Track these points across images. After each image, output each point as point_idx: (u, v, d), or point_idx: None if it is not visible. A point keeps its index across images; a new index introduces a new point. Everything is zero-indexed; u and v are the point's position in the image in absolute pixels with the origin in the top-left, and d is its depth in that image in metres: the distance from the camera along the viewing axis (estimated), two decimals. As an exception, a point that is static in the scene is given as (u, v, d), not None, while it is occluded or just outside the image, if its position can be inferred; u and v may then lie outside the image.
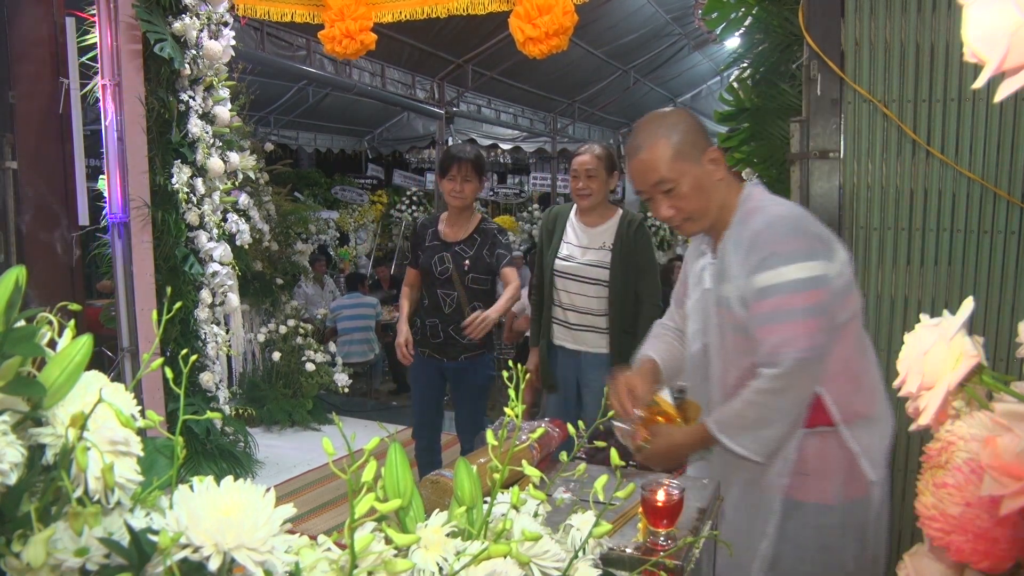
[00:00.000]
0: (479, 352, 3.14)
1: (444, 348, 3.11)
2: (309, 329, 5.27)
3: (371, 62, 7.37)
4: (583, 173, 2.95)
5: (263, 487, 0.61)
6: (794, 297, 1.40)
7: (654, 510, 1.18)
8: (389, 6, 3.61)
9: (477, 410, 3.22)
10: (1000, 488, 0.53)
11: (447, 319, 3.07)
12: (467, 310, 3.06)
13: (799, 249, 1.42)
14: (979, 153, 2.17)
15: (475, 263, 3.08)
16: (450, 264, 3.07)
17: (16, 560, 0.55)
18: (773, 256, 1.43)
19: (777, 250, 1.43)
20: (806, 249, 1.43)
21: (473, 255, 3.08)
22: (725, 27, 2.73)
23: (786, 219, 1.48)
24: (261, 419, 4.88)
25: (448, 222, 3.16)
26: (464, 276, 3.07)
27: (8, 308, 0.60)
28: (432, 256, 3.11)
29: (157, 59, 3.24)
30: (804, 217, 1.52)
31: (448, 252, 3.09)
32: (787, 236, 1.45)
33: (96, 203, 3.35)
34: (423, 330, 3.14)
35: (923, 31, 2.20)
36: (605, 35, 7.49)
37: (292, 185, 7.32)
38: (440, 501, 1.24)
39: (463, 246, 3.09)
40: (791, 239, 1.44)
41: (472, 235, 3.11)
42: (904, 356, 0.65)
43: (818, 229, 1.49)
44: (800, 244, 1.43)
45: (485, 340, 3.14)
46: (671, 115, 1.61)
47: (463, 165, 3.01)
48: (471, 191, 3.06)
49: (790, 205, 1.58)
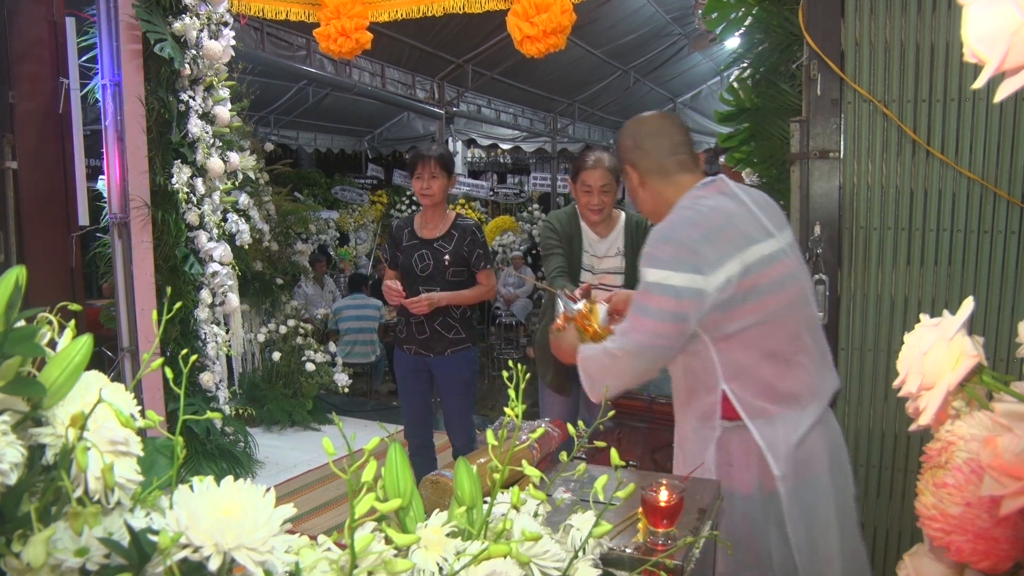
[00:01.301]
0: (464, 347, 3.18)
1: (429, 344, 3.15)
2: (309, 329, 5.27)
3: (371, 62, 7.37)
4: (597, 189, 2.83)
5: (263, 487, 0.61)
6: (648, 296, 1.54)
7: (654, 510, 1.18)
8: (385, 4, 3.60)
9: (465, 406, 3.25)
10: (1000, 488, 0.53)
11: (431, 315, 3.11)
12: (450, 306, 3.12)
13: (661, 257, 1.53)
14: (979, 153, 2.17)
15: (455, 258, 3.12)
16: (430, 261, 3.11)
17: (16, 560, 0.55)
18: (645, 255, 1.57)
19: (647, 251, 1.57)
20: (669, 259, 1.52)
21: (452, 250, 3.12)
22: (725, 27, 2.73)
23: (668, 225, 1.58)
24: (261, 419, 4.88)
25: (423, 221, 3.19)
26: (445, 271, 3.11)
27: (8, 308, 0.60)
28: (412, 255, 3.14)
29: (157, 59, 3.24)
30: (688, 227, 1.56)
31: (427, 249, 3.13)
32: (658, 241, 1.56)
33: (96, 203, 3.35)
34: (408, 327, 3.18)
35: (923, 31, 2.20)
36: (605, 35, 7.49)
37: (292, 185, 7.32)
38: (440, 501, 1.24)
39: (442, 242, 3.13)
40: (661, 245, 1.55)
41: (450, 231, 3.14)
42: (904, 356, 0.65)
43: (695, 242, 1.52)
44: (666, 252, 1.54)
45: (470, 335, 3.20)
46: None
47: (428, 163, 3.05)
48: (439, 188, 3.08)
49: (687, 213, 1.59)
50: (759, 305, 1.53)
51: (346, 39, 3.56)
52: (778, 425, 1.56)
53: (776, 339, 1.56)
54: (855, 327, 2.34)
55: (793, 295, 1.58)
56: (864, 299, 2.33)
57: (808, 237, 2.34)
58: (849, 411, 2.36)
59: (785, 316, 1.56)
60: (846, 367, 2.35)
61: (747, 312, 1.52)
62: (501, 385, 0.91)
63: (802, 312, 1.61)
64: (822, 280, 2.32)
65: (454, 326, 3.15)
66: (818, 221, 2.33)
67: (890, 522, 2.37)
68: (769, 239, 1.58)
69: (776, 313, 1.55)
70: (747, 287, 1.51)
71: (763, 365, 1.55)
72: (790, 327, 1.57)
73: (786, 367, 1.57)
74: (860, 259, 2.32)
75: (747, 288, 1.51)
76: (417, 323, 3.14)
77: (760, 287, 1.53)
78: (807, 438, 1.56)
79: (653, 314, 1.53)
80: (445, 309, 3.12)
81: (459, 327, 3.16)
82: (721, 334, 1.53)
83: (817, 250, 2.33)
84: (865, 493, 2.38)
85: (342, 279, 8.01)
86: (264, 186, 5.06)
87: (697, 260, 1.50)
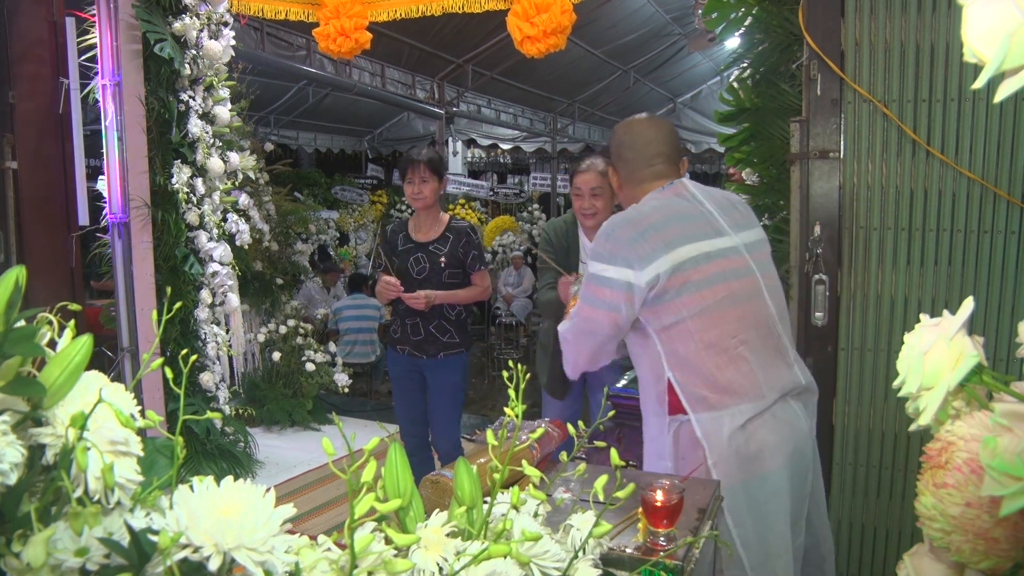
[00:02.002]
0: (457, 351, 3.18)
1: (423, 345, 3.15)
2: (309, 329, 5.27)
3: (371, 62, 7.37)
4: (587, 192, 2.82)
5: (263, 487, 0.61)
6: (588, 286, 1.71)
7: (654, 510, 1.18)
8: (384, 4, 3.60)
9: (453, 411, 3.24)
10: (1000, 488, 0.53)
11: (427, 317, 3.11)
12: (446, 308, 3.12)
13: (601, 252, 1.69)
14: (979, 153, 2.17)
15: (451, 260, 3.12)
16: (426, 264, 3.11)
17: (16, 560, 0.55)
18: (591, 250, 1.75)
19: (593, 246, 1.73)
20: (607, 253, 1.68)
21: (448, 252, 3.12)
22: (725, 27, 2.73)
23: (610, 224, 1.72)
24: (261, 419, 4.88)
25: (417, 224, 3.20)
26: (441, 273, 3.11)
27: (8, 308, 0.60)
28: (407, 258, 3.14)
29: (157, 59, 3.24)
30: (626, 225, 1.69)
31: (423, 252, 3.13)
32: (601, 238, 1.71)
33: (96, 203, 3.35)
34: (403, 329, 3.18)
35: (923, 31, 2.20)
36: (605, 35, 7.48)
37: (292, 185, 7.32)
38: (440, 501, 1.24)
39: (437, 244, 3.13)
40: (602, 241, 1.70)
41: (444, 233, 3.15)
42: (904, 356, 0.65)
43: (630, 239, 1.65)
44: (605, 248, 1.69)
45: (463, 339, 3.20)
46: None
47: (417, 167, 3.05)
48: (430, 191, 3.09)
49: (630, 212, 1.74)
50: (695, 298, 1.63)
51: (345, 39, 3.56)
52: (722, 417, 1.62)
53: (716, 332, 1.63)
54: (855, 327, 2.34)
55: (735, 289, 1.66)
56: (864, 299, 2.33)
57: (808, 237, 2.34)
58: (849, 411, 2.36)
59: (725, 309, 1.64)
60: (846, 367, 2.35)
61: (682, 305, 1.63)
62: (501, 385, 0.91)
63: (748, 306, 1.67)
64: (822, 280, 2.32)
65: (449, 329, 3.15)
66: (818, 221, 2.33)
67: (890, 522, 2.37)
68: (719, 237, 1.69)
69: (713, 307, 1.63)
70: (679, 282, 1.62)
71: (703, 356, 1.63)
72: (731, 320, 1.64)
73: (728, 359, 1.63)
74: (860, 259, 2.32)
75: (679, 283, 1.63)
76: (413, 324, 3.14)
77: (694, 282, 1.62)
78: (755, 433, 1.61)
79: (592, 302, 1.70)
80: (441, 311, 3.13)
81: (454, 331, 3.17)
82: (661, 325, 1.66)
83: (817, 250, 2.33)
84: (865, 493, 2.38)
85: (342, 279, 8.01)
86: (264, 186, 5.06)
87: (630, 256, 1.64)
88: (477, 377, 7.55)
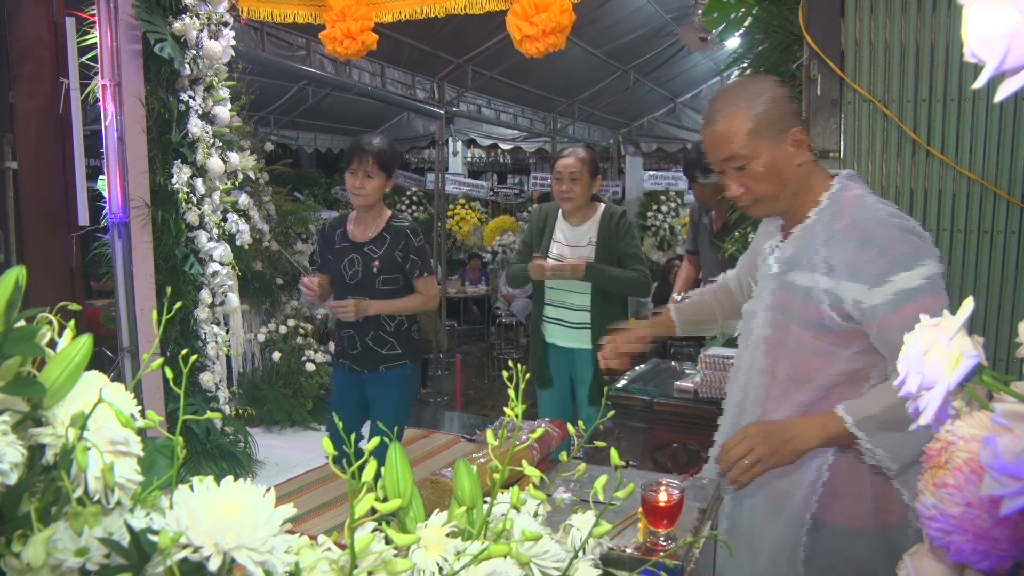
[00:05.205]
0: (400, 363, 2.86)
1: (362, 359, 2.84)
2: (309, 329, 5.27)
3: (371, 62, 7.36)
4: (567, 176, 2.96)
5: (263, 487, 0.61)
6: (930, 300, 1.33)
7: (654, 510, 1.18)
8: (389, 6, 3.61)
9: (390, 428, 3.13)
10: (1000, 488, 0.53)
11: (362, 328, 2.80)
12: (383, 318, 2.81)
13: (909, 253, 1.35)
14: (979, 153, 2.17)
15: (386, 264, 2.77)
16: (360, 267, 2.79)
17: (16, 560, 0.55)
18: (903, 258, 1.34)
19: (903, 252, 1.34)
20: (916, 251, 1.35)
21: (383, 255, 2.77)
22: (725, 27, 2.73)
23: (893, 218, 1.39)
24: (261, 419, 4.87)
25: (356, 221, 2.87)
26: (375, 279, 2.77)
27: (8, 308, 0.60)
28: (342, 259, 2.83)
29: (157, 59, 3.24)
30: (905, 215, 1.42)
31: (357, 253, 2.81)
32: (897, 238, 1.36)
33: (96, 203, 3.35)
34: (340, 342, 2.91)
35: (923, 31, 2.20)
36: (604, 35, 7.48)
37: (292, 185, 7.32)
38: (440, 501, 1.24)
39: (372, 246, 2.79)
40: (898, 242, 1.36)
41: (381, 233, 2.80)
42: (904, 356, 0.65)
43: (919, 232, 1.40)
44: (912, 246, 1.35)
45: (408, 349, 2.87)
46: (758, 83, 1.46)
47: (364, 159, 2.69)
48: (374, 188, 2.73)
49: (887, 203, 1.46)
50: None
51: (352, 41, 3.57)
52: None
53: None
54: (855, 327, 2.33)
55: None
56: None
57: (808, 237, 2.34)
58: (849, 411, 2.36)
59: None
60: (846, 367, 2.35)
61: None
62: (501, 385, 0.91)
63: None
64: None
65: (388, 340, 2.83)
66: (818, 221, 2.33)
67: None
68: None
69: None
70: None
71: None
72: None
73: None
74: (860, 259, 2.31)
75: None
76: (348, 337, 2.85)
77: None
78: None
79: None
80: (377, 321, 2.79)
81: (394, 342, 2.84)
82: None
83: (817, 250, 2.32)
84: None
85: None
86: (264, 186, 5.06)
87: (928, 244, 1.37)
88: (477, 377, 7.56)
